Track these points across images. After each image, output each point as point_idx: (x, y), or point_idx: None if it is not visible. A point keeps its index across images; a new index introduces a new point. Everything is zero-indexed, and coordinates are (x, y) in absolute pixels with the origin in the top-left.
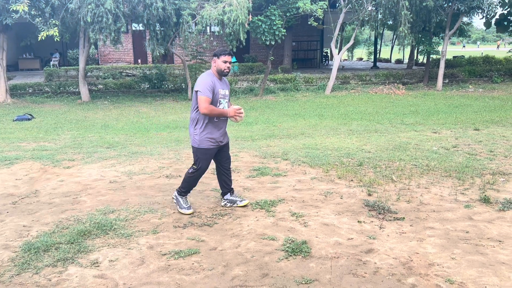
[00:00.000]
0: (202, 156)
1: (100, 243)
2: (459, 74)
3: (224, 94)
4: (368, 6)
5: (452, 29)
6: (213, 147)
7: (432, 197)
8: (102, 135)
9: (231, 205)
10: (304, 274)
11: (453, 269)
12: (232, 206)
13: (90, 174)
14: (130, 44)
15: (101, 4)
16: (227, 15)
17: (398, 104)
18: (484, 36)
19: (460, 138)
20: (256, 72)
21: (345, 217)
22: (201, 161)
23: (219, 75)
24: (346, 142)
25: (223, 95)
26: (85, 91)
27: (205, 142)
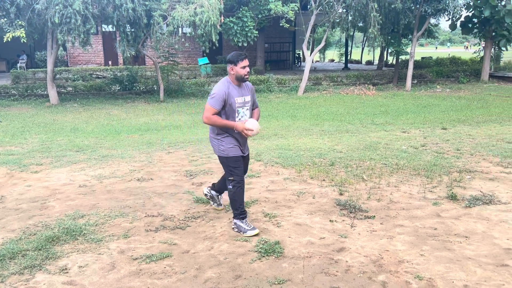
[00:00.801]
0: (234, 164)
1: (69, 249)
2: (427, 75)
3: (244, 102)
4: (339, 8)
5: (420, 31)
6: (240, 155)
7: (402, 195)
8: (72, 139)
9: (209, 199)
10: (277, 275)
11: (422, 266)
12: (209, 201)
13: (59, 178)
14: (100, 45)
15: (69, 5)
16: (199, 16)
17: (368, 105)
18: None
19: (428, 137)
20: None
21: (317, 217)
22: (236, 170)
23: (238, 82)
24: (318, 143)
25: (242, 103)
26: (53, 93)
27: (233, 150)
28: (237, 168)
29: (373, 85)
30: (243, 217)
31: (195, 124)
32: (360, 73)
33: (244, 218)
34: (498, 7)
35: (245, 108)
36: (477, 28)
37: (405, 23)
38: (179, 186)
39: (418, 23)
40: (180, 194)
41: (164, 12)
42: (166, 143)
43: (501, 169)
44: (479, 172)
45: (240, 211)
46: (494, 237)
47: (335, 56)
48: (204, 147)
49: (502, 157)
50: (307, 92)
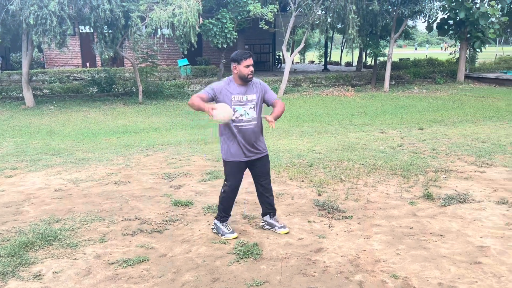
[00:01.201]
0: (229, 169)
1: (43, 254)
2: (405, 76)
3: (245, 100)
4: (318, 10)
5: (397, 33)
6: (239, 160)
7: (379, 195)
8: (48, 142)
9: (269, 228)
10: (255, 276)
11: (398, 265)
12: (270, 229)
13: (34, 182)
14: (78, 47)
15: (45, 5)
16: (177, 17)
17: (347, 106)
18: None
19: (405, 137)
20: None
21: (296, 218)
22: (230, 176)
23: (242, 81)
24: (297, 144)
25: (242, 101)
26: (29, 96)
27: (230, 154)
28: (231, 174)
29: (352, 86)
30: (224, 220)
31: (174, 126)
32: (339, 74)
33: (225, 221)
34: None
35: (247, 106)
36: (453, 30)
37: (383, 25)
38: (157, 189)
39: (395, 25)
40: (158, 197)
41: (142, 13)
42: (145, 146)
43: (475, 168)
44: (454, 171)
45: (223, 214)
46: (468, 235)
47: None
48: (183, 149)
49: (477, 156)
50: (287, 93)
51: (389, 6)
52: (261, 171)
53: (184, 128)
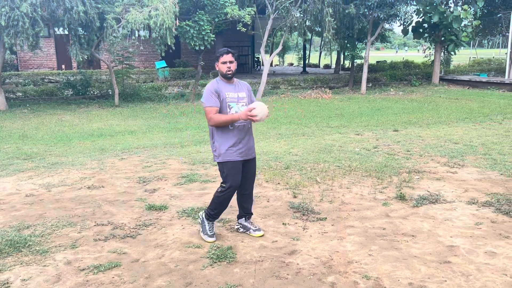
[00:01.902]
0: (229, 171)
1: (12, 261)
2: (381, 78)
3: (237, 97)
4: (295, 13)
5: (374, 35)
6: (238, 159)
7: (353, 197)
8: (20, 146)
9: (243, 231)
10: (228, 280)
11: (370, 265)
12: (244, 232)
13: (4, 188)
14: (53, 48)
15: (16, 7)
16: (153, 19)
17: (324, 108)
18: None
19: (380, 139)
20: (188, 77)
21: (271, 220)
22: (229, 177)
23: (225, 79)
24: (274, 146)
25: (235, 98)
26: (1, 99)
27: (228, 154)
28: (232, 175)
29: (329, 89)
30: (212, 219)
31: (150, 129)
32: (318, 77)
33: (212, 221)
34: (446, 13)
35: (240, 104)
36: (427, 33)
37: (360, 28)
38: (131, 193)
39: (371, 28)
40: (132, 202)
41: (118, 15)
42: (120, 149)
43: (447, 169)
44: (427, 172)
45: (215, 214)
46: (438, 235)
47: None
48: (159, 152)
49: (449, 157)
50: (265, 95)
51: (365, 9)
52: (251, 173)
53: (161, 131)
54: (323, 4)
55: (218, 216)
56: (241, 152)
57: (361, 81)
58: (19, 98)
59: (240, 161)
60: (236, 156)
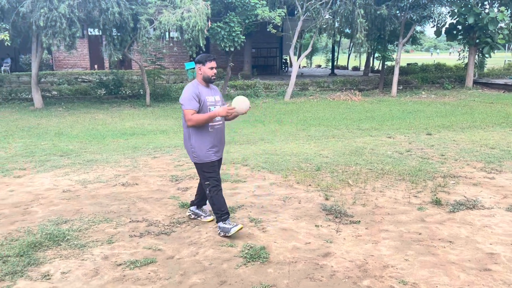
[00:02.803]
0: (208, 170)
1: (52, 255)
2: (412, 81)
3: (215, 101)
4: (325, 14)
5: (406, 37)
6: (216, 158)
7: (387, 200)
8: (56, 143)
9: (194, 217)
10: (262, 280)
11: (406, 270)
12: (195, 218)
13: (42, 183)
14: (86, 49)
15: (55, 8)
16: (186, 21)
17: (354, 110)
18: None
19: (413, 142)
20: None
21: (303, 222)
22: (210, 175)
23: (206, 83)
24: (304, 148)
25: (213, 101)
26: (38, 97)
27: (207, 155)
28: (211, 173)
29: (359, 91)
30: (225, 218)
31: (181, 128)
32: (347, 78)
33: (226, 219)
34: (482, 15)
35: (217, 106)
36: (462, 35)
37: (391, 29)
38: (164, 191)
39: (403, 30)
40: (165, 199)
41: (151, 16)
42: (152, 148)
43: (484, 174)
44: (463, 177)
45: (221, 213)
46: (477, 241)
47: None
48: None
49: (486, 162)
50: (293, 97)
51: (397, 10)
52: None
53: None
54: (355, 5)
55: (226, 212)
56: (217, 151)
57: (391, 83)
58: (54, 97)
59: (217, 161)
60: (214, 156)
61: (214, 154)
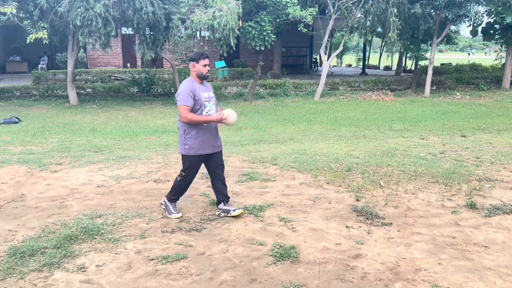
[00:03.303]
0: (192, 163)
1: (87, 247)
2: (446, 81)
3: (209, 97)
4: (357, 13)
5: (440, 37)
6: (203, 154)
7: (419, 203)
8: (90, 139)
9: (225, 214)
10: (292, 279)
11: (440, 274)
12: (226, 215)
13: (77, 178)
14: (120, 48)
15: (91, 7)
16: (217, 20)
17: (386, 110)
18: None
19: (447, 144)
20: (246, 77)
21: (333, 222)
22: (190, 169)
23: (200, 80)
24: (334, 148)
25: (207, 97)
26: (73, 94)
27: (194, 149)
28: (193, 168)
29: (391, 91)
30: (173, 200)
31: None
32: (378, 78)
33: (174, 201)
34: None
35: (211, 102)
36: (499, 35)
37: (425, 28)
38: (195, 188)
39: (438, 29)
40: (196, 196)
41: (183, 15)
42: None
43: None
44: (500, 181)
45: (174, 196)
46: None
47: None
48: None
49: None
50: (323, 96)
51: (432, 9)
52: (219, 163)
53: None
54: (388, 4)
55: (178, 198)
56: (208, 146)
57: (424, 83)
58: (88, 94)
59: (205, 155)
60: (203, 151)
61: (203, 148)
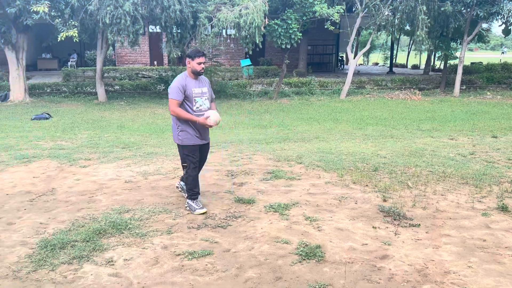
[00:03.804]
0: (187, 152)
1: (115, 242)
2: (477, 81)
3: (201, 92)
4: (385, 11)
5: (471, 35)
6: (197, 143)
7: (449, 204)
8: (118, 135)
9: (180, 191)
10: (318, 279)
11: (470, 278)
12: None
13: (106, 173)
14: (147, 46)
15: (120, 6)
16: (243, 18)
17: (414, 110)
18: (502, 42)
19: (477, 145)
20: (271, 75)
21: (360, 222)
22: (188, 157)
23: (194, 75)
24: (361, 147)
25: (199, 93)
26: (102, 91)
27: (188, 139)
28: (190, 156)
29: (419, 90)
30: (194, 197)
31: (236, 124)
32: (406, 77)
33: (195, 198)
34: None
35: (203, 98)
36: None
37: (455, 26)
38: (220, 186)
39: (468, 27)
40: (221, 193)
41: (210, 14)
42: None
43: None
44: None
45: (192, 192)
46: None
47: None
48: (245, 148)
49: None
50: (349, 95)
51: (462, 7)
52: (204, 156)
53: (246, 127)
54: (417, 1)
55: (197, 192)
56: (198, 137)
57: (453, 83)
58: (116, 91)
59: (198, 146)
60: (195, 141)
61: (194, 139)
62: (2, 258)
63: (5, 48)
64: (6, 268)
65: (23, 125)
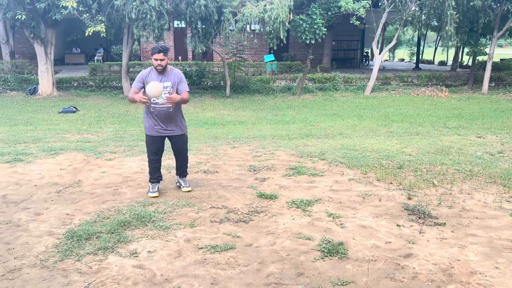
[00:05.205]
0: (147, 142)
1: (139, 234)
2: (506, 78)
3: (162, 86)
4: (412, 6)
5: (501, 31)
6: (153, 135)
7: (475, 204)
8: (143, 130)
9: (178, 185)
10: (340, 276)
11: (497, 279)
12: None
13: (130, 166)
14: (172, 41)
15: (146, 1)
16: (268, 13)
17: (440, 107)
18: None
19: (506, 143)
20: (295, 71)
21: (384, 220)
22: (147, 146)
23: (157, 70)
24: (385, 144)
25: None
26: (127, 86)
27: (147, 128)
28: (149, 145)
29: (446, 87)
30: (151, 181)
31: (259, 120)
32: (433, 73)
33: (153, 182)
34: None
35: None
36: None
37: (485, 22)
38: (243, 180)
39: (499, 22)
40: (244, 188)
41: (234, 9)
42: (231, 138)
43: None
44: None
45: (151, 176)
46: None
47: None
48: (268, 143)
49: None
50: (374, 91)
51: (492, 2)
52: (176, 149)
53: (269, 122)
54: None
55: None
56: (159, 130)
57: (482, 79)
58: None
59: (158, 137)
60: (151, 132)
61: (154, 130)
62: (30, 248)
63: (34, 43)
64: (34, 257)
65: (51, 118)
